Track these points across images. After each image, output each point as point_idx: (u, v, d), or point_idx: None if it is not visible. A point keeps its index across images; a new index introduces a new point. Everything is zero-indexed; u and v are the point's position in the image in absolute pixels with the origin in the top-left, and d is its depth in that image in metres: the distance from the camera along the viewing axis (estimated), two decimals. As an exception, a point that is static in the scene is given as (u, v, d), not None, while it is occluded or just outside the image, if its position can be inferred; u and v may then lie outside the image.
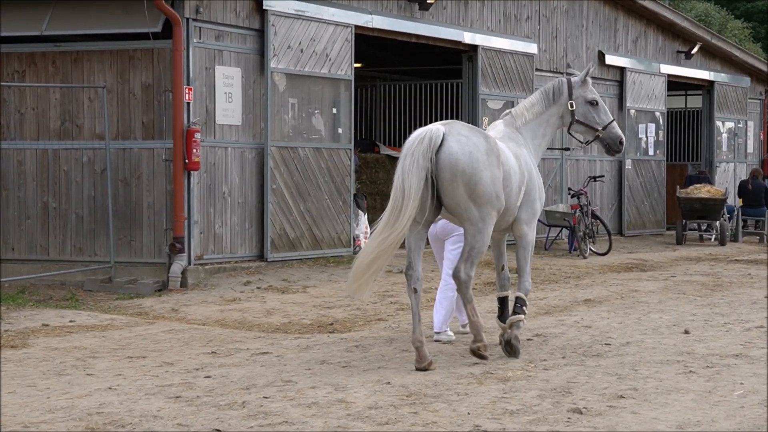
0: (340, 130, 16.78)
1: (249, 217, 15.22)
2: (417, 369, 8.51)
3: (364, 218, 17.33)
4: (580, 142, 10.28)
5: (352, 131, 17.06)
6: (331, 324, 11.27)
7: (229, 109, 14.89)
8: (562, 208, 20.48)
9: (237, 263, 14.88)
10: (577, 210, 19.83)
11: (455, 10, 19.13)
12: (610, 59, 23.09)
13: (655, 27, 24.73)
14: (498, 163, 8.87)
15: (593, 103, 9.88)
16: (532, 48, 20.77)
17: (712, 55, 26.75)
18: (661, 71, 24.64)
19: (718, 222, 23.16)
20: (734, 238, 23.86)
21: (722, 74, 27.09)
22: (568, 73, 10.14)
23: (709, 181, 25.07)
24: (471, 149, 8.71)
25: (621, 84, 23.51)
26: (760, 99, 29.30)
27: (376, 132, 21.85)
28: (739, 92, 27.83)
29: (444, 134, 8.72)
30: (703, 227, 24.07)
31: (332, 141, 16.64)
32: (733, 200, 25.65)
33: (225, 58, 14.86)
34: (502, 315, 9.56)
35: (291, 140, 15.85)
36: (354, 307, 12.37)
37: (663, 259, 19.30)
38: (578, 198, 20.15)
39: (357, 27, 16.91)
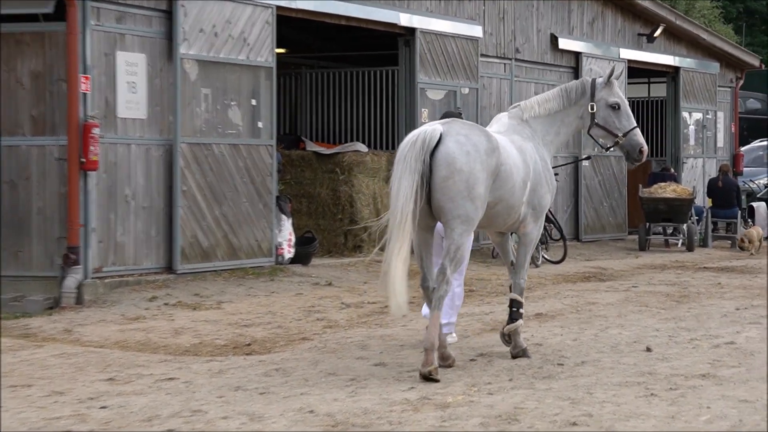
0: (260, 124, 16.68)
1: (156, 223, 15.06)
2: (422, 375, 9.01)
3: (288, 224, 17.24)
4: (600, 146, 10.83)
5: (274, 125, 16.97)
6: (249, 344, 11.18)
7: (132, 100, 14.72)
8: (511, 210, 20.53)
9: (141, 276, 14.72)
10: (528, 213, 19.88)
11: (390, -12, 19.13)
12: (564, 43, 23.23)
13: (613, 7, 24.94)
14: (497, 165, 9.42)
15: (615, 107, 10.40)
16: (476, 31, 20.82)
17: (677, 38, 27.04)
18: (621, 56, 24.83)
19: (685, 225, 23.40)
20: (703, 243, 24.13)
21: (688, 59, 27.39)
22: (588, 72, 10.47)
23: (675, 179, 25.31)
24: (469, 149, 9.25)
25: (576, 71, 23.67)
26: (730, 87, 29.66)
27: (302, 126, 21.75)
28: (708, 79, 28.15)
29: (442, 134, 9.26)
30: (669, 231, 24.31)
31: (251, 136, 16.54)
32: (702, 200, 25.94)
33: (127, 43, 14.69)
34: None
35: (204, 136, 15.72)
36: (275, 325, 12.29)
37: (624, 267, 19.45)
38: (529, 199, 20.20)
39: (279, 8, 16.83)
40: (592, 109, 10.39)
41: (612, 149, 10.76)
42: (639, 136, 10.45)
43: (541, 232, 10.36)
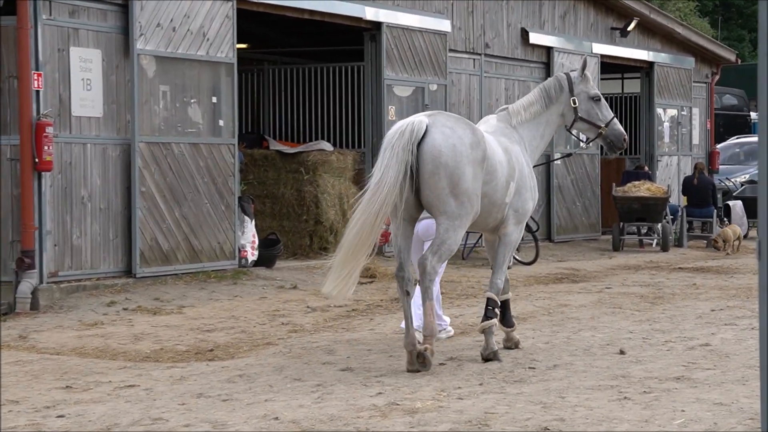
0: (221, 122, 16.68)
1: (114, 225, 15.05)
2: (408, 371, 9.52)
3: (251, 225, 17.25)
4: (580, 140, 11.36)
5: (236, 123, 16.98)
6: (211, 350, 11.20)
7: (87, 98, 14.70)
8: (481, 210, 20.62)
9: (99, 280, 14.70)
10: (499, 212, 19.98)
11: (355, -18, 19.17)
12: (535, 38, 23.35)
13: (585, 0, 25.08)
14: (483, 158, 9.77)
15: (596, 99, 10.98)
16: (444, 25, 20.90)
17: (651, 32, 27.22)
18: (594, 51, 24.97)
19: (659, 224, 23.57)
20: (678, 243, 24.30)
21: (663, 54, 27.57)
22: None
23: (650, 177, 25.48)
24: (455, 142, 9.62)
25: (547, 66, 23.78)
26: (706, 82, 29.89)
27: (265, 124, 21.77)
28: (683, 75, 28.36)
29: (427, 126, 9.62)
30: (643, 231, 24.47)
31: (212, 135, 16.54)
32: (677, 199, 26.13)
33: (82, 38, 14.67)
34: (504, 318, 10.71)
35: (163, 134, 15.71)
36: (238, 330, 12.31)
37: (597, 268, 19.58)
38: (500, 198, 20.29)
39: (239, 1, 16.83)
40: (575, 103, 10.89)
41: (591, 143, 11.33)
42: (619, 125, 11.06)
43: (521, 236, 10.69)
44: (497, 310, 10.30)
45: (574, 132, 11.32)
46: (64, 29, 14.45)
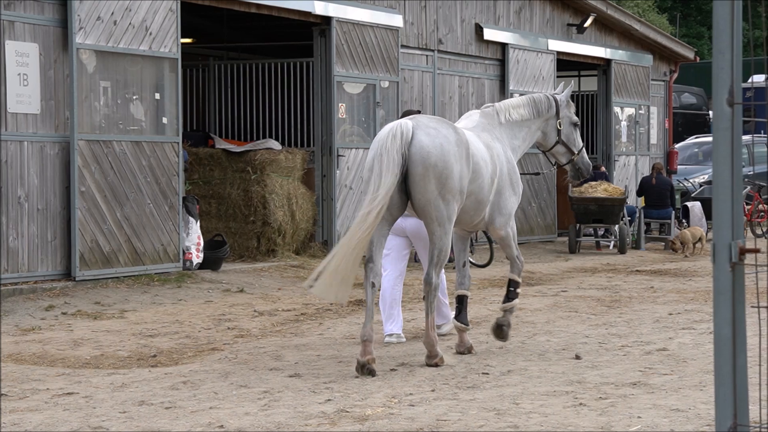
0: (164, 120, 16.64)
1: (52, 226, 14.97)
2: (358, 362, 9.75)
3: (196, 226, 17.21)
4: (550, 163, 12.16)
5: (180, 121, 16.94)
6: (154, 356, 11.16)
7: (24, 94, 14.61)
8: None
9: (37, 284, 14.62)
10: (452, 213, 20.05)
11: (304, -25, 19.16)
12: (489, 34, 23.46)
13: (541, -5, 25.24)
14: (467, 155, 10.19)
15: (576, 125, 11.74)
16: (396, 20, 20.95)
17: (608, 28, 27.43)
18: (550, 48, 25.15)
19: (616, 226, 23.73)
20: (636, 245, 24.48)
21: (620, 51, 27.79)
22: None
23: (607, 177, 25.65)
24: (441, 141, 10.02)
25: (502, 63, 23.91)
26: (664, 80, 30.14)
27: (210, 122, 21.73)
28: (641, 72, 28.58)
29: (412, 128, 10.00)
30: (600, 232, 24.64)
31: (155, 133, 16.50)
32: (634, 200, 26.32)
33: (17, 32, 14.58)
34: (459, 315, 11.02)
35: (104, 132, 15.65)
36: (182, 335, 12.28)
37: (553, 271, 19.69)
38: (453, 199, 20.37)
39: (184, -6, 16.81)
40: (560, 126, 11.56)
41: (552, 168, 11.78)
42: (586, 155, 11.90)
43: (515, 230, 11.19)
44: (518, 290, 11.31)
45: (549, 155, 11.94)
46: None
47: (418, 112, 12.52)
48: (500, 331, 11.04)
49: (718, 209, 4.05)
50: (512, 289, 11.16)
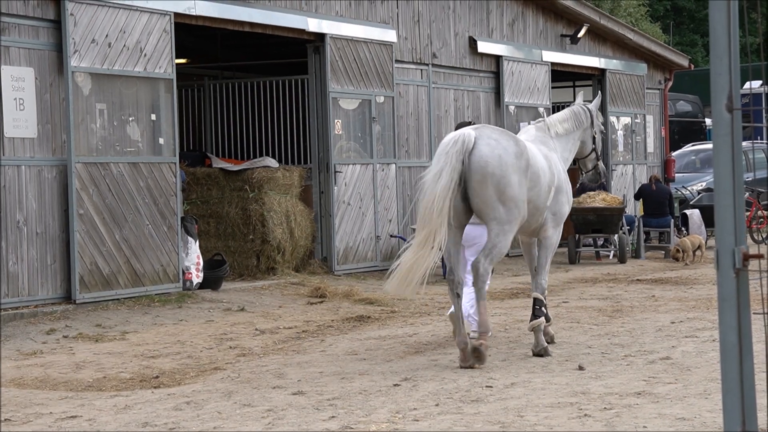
0: (161, 141, 16.63)
1: (51, 250, 14.95)
2: (461, 367, 10.58)
3: (195, 246, 17.19)
4: (581, 172, 12.99)
5: (177, 141, 16.93)
6: (156, 377, 11.13)
7: (20, 118, 14.61)
8: (433, 225, 20.66)
9: (38, 307, 14.60)
10: (451, 227, 20.04)
11: (297, -8, 19.18)
12: (484, 46, 23.48)
13: (534, 7, 25.27)
14: (527, 166, 10.96)
15: (603, 133, 12.91)
16: (390, 35, 20.98)
17: (602, 38, 27.47)
18: (544, 59, 25.17)
19: (616, 236, 23.70)
20: (636, 254, 24.46)
21: (615, 61, 27.83)
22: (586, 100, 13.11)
23: (605, 187, 25.62)
24: (500, 152, 10.78)
25: (497, 75, 23.93)
26: (659, 89, 30.17)
27: (207, 141, 21.74)
28: (635, 81, 28.61)
29: (475, 138, 10.78)
30: (600, 242, 24.61)
31: (152, 154, 16.49)
32: (633, 209, 26.30)
33: (13, 56, 14.58)
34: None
35: (101, 154, 15.65)
36: (184, 355, 12.26)
37: (554, 282, 19.65)
38: (452, 213, 20.36)
39: (177, 15, 16.82)
40: (595, 134, 12.64)
41: (589, 172, 12.91)
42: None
43: (559, 238, 11.94)
44: (544, 309, 11.61)
45: (584, 163, 12.83)
46: (-5, 47, 14.37)
47: (471, 122, 13.31)
48: (542, 353, 11.41)
49: (720, 215, 4.04)
50: (537, 307, 11.53)
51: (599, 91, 14.11)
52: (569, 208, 11.95)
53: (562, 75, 26.87)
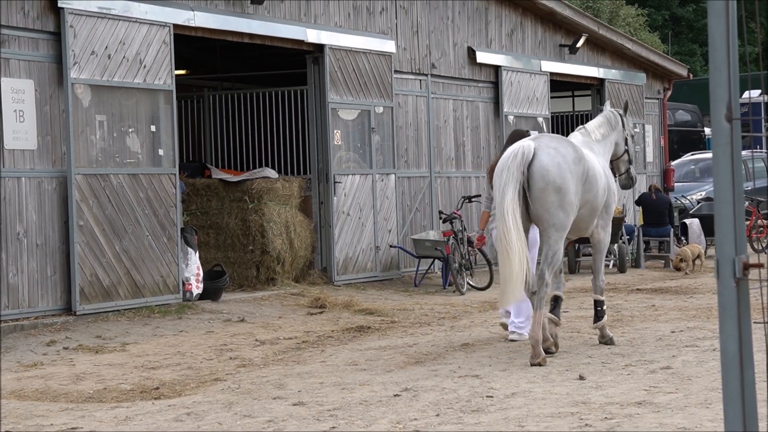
0: (161, 152, 16.65)
1: (51, 261, 14.96)
2: (532, 365, 11.25)
3: (195, 257, 17.19)
4: (613, 174, 13.20)
5: (176, 152, 16.94)
6: (157, 388, 11.13)
7: (20, 130, 14.62)
8: (433, 235, 20.71)
9: (38, 319, 14.59)
10: (451, 237, 20.07)
11: (295, 4, 19.21)
12: (482, 56, 23.50)
13: (532, 17, 25.30)
14: (585, 171, 11.70)
15: (633, 138, 13.62)
16: (389, 46, 21.00)
17: (600, 48, 27.49)
18: (543, 69, 25.19)
19: (616, 245, 23.70)
20: (635, 264, 24.46)
21: (614, 71, 27.86)
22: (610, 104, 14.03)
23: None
24: (559, 160, 11.47)
25: (496, 85, 23.95)
26: (658, 98, 30.19)
27: (207, 152, 21.75)
28: (634, 91, 28.63)
29: (534, 148, 11.45)
30: (600, 252, 24.56)
31: (152, 165, 16.50)
32: (633, 219, 26.30)
33: (13, 68, 14.60)
34: (553, 310, 12.43)
35: (100, 166, 15.66)
36: (185, 366, 12.25)
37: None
38: (451, 223, 20.40)
39: (176, 26, 16.84)
40: (626, 137, 13.25)
41: (622, 176, 13.43)
42: None
43: (609, 238, 12.74)
44: (605, 308, 12.61)
45: (614, 165, 13.22)
46: (-5, 59, 14.39)
47: (527, 132, 13.83)
48: (609, 341, 12.61)
49: (720, 225, 4.05)
50: (599, 308, 12.52)
51: (626, 101, 14.64)
52: (613, 208, 12.72)
53: (561, 85, 26.90)
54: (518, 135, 13.09)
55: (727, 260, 4.06)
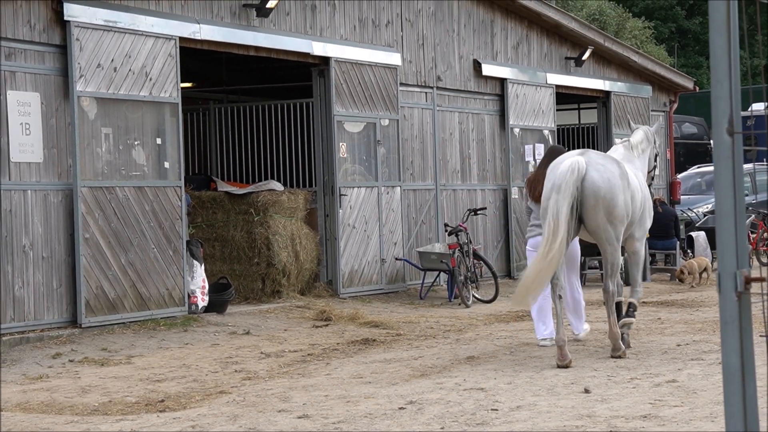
0: (166, 164, 16.68)
1: (57, 274, 14.98)
2: (559, 366, 11.96)
3: (200, 269, 17.21)
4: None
5: (182, 165, 16.98)
6: (162, 401, 11.15)
7: (26, 143, 14.66)
8: (438, 248, 20.72)
9: (44, 332, 14.61)
10: (456, 250, 20.08)
11: (301, 17, 19.26)
12: (488, 69, 23.53)
13: (538, 30, 25.33)
14: (628, 184, 12.40)
15: (658, 155, 14.32)
16: (394, 58, 21.04)
17: (606, 61, 27.51)
18: (548, 81, 25.21)
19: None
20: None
21: (619, 83, 27.86)
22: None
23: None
24: (609, 176, 12.22)
25: (502, 98, 23.98)
26: (664, 111, 30.18)
27: (212, 165, 21.78)
28: (640, 103, 28.64)
29: (586, 164, 12.12)
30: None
31: (158, 178, 16.53)
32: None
33: (19, 81, 14.64)
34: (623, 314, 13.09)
35: (106, 179, 15.69)
36: (190, 379, 12.27)
37: (559, 305, 19.63)
38: (457, 235, 20.42)
39: (182, 39, 16.88)
40: (656, 152, 14.09)
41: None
42: None
43: (645, 250, 13.59)
44: (635, 312, 13.19)
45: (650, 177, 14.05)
46: (0, 73, 14.42)
47: (562, 148, 14.35)
48: (618, 349, 12.87)
49: (722, 238, 4.07)
50: (632, 310, 13.04)
51: (659, 117, 15.45)
52: (650, 221, 13.32)
53: (566, 97, 26.91)
54: (557, 151, 13.60)
55: (729, 274, 4.08)
